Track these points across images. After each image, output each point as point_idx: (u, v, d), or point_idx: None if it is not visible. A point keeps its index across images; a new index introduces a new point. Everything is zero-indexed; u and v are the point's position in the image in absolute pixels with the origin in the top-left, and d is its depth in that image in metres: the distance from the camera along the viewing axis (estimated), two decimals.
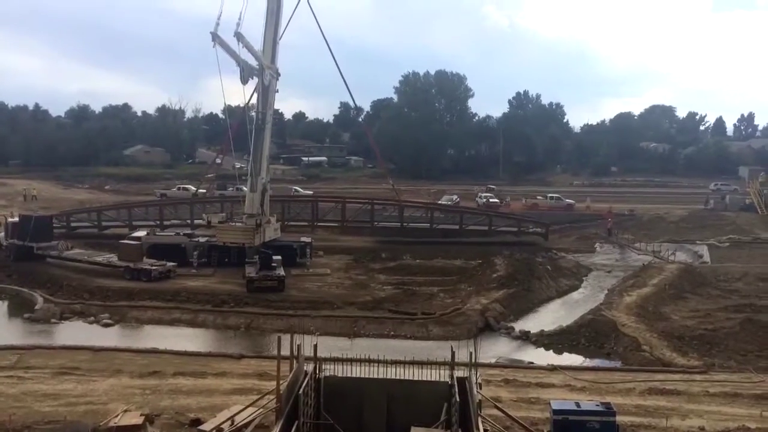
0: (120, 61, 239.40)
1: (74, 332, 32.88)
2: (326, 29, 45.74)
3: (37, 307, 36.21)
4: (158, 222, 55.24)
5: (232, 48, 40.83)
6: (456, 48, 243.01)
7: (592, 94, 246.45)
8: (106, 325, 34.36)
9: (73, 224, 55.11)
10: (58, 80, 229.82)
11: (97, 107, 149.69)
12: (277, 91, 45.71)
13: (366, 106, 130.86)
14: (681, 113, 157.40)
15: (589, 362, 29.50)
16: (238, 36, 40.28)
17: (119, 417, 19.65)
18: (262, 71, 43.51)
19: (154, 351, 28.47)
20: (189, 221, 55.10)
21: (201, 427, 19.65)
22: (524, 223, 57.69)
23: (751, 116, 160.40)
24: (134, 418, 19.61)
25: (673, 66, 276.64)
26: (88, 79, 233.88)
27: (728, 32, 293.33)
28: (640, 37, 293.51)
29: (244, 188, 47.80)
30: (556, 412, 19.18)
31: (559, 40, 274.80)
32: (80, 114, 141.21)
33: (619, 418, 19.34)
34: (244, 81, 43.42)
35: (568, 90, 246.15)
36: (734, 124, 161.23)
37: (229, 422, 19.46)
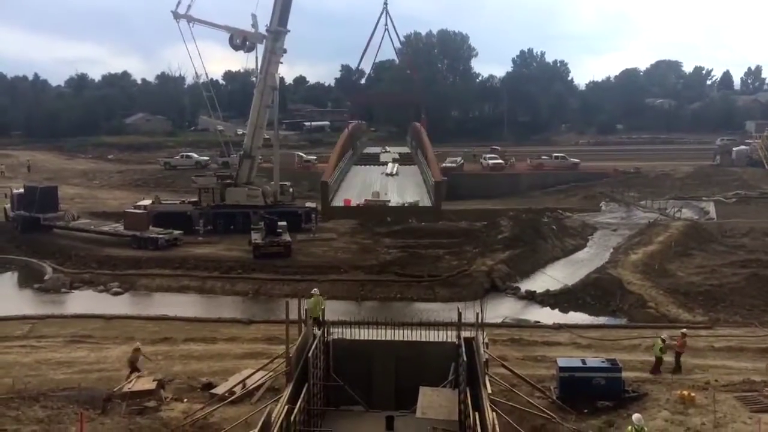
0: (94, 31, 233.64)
1: (84, 301, 33.28)
2: None
3: (46, 278, 36.56)
4: None
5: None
6: (420, 7, 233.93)
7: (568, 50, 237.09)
8: (116, 294, 34.74)
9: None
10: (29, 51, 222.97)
11: (96, 76, 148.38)
12: (285, 51, 45.19)
13: (366, 68, 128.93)
14: (687, 68, 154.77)
15: (594, 320, 29.77)
16: None
17: (132, 383, 20.00)
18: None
19: (165, 318, 28.90)
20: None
21: (213, 391, 20.03)
22: None
23: (758, 69, 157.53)
24: (147, 384, 19.96)
25: (658, 19, 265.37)
26: (62, 49, 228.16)
27: None
28: None
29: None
30: (562, 369, 19.46)
31: None
32: (80, 83, 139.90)
33: (624, 374, 19.62)
34: (236, 47, 44.22)
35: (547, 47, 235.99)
36: (741, 78, 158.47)
37: (241, 385, 19.81)
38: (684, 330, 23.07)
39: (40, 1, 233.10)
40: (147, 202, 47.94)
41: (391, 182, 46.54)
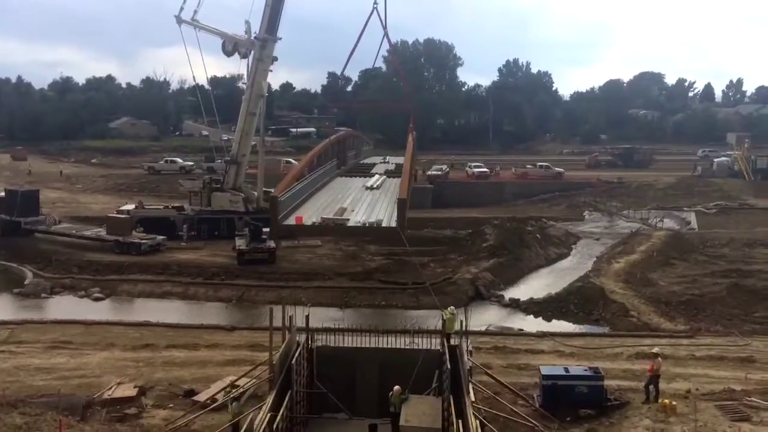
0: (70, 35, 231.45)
1: (65, 307, 32.86)
2: None
3: (26, 282, 36.06)
4: None
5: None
6: (402, 16, 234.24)
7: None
8: (97, 299, 34.33)
9: None
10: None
11: (79, 79, 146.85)
12: (276, 59, 45.00)
13: (354, 76, 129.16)
14: (670, 80, 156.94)
15: (578, 328, 29.95)
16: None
17: (113, 389, 19.78)
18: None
19: (147, 324, 28.58)
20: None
21: (195, 398, 19.85)
22: None
23: (740, 82, 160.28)
24: (128, 390, 19.76)
25: (637, 29, 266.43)
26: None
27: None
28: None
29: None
30: (545, 377, 19.55)
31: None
32: (64, 86, 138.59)
33: (607, 382, 19.75)
34: (228, 54, 44.00)
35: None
36: (723, 90, 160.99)
37: (223, 393, 19.64)
38: (656, 350, 21.21)
39: (20, 5, 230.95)
40: (130, 206, 47.56)
41: (365, 197, 40.88)
